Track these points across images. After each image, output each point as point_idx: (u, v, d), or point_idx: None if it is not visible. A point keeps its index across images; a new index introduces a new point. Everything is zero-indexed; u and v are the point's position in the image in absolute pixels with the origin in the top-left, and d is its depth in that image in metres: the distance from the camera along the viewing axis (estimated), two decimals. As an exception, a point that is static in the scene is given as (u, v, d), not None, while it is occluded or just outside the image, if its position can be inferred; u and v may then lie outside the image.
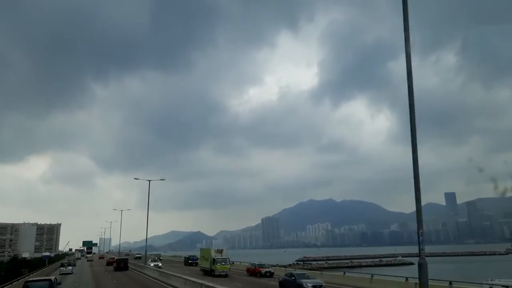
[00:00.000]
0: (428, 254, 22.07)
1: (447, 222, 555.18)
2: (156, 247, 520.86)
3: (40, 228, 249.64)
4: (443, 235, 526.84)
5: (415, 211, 13.07)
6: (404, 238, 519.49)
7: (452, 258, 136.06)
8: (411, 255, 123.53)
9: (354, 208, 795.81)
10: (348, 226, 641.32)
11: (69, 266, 60.56)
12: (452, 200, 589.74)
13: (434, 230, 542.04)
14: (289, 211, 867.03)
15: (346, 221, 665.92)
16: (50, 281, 25.38)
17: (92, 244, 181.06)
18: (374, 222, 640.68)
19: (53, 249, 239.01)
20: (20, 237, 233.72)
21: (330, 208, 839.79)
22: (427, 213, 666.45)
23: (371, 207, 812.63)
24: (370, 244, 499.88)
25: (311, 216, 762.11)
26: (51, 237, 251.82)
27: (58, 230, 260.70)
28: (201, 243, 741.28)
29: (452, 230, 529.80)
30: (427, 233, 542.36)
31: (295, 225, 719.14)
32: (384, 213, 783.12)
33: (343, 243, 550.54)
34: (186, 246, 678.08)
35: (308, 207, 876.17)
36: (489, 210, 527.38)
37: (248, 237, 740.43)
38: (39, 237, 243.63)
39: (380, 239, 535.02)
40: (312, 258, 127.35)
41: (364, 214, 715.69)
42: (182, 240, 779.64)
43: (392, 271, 68.61)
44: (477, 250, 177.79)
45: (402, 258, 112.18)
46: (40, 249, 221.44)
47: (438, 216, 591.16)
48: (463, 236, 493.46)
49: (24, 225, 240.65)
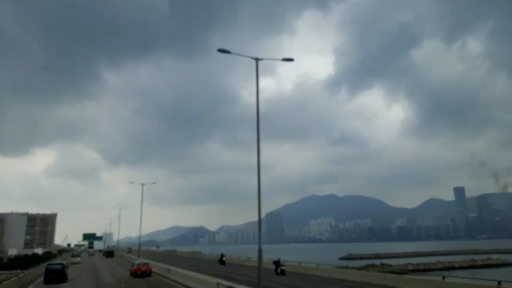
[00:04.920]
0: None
1: (456, 217, 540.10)
2: (158, 242, 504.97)
3: (32, 219, 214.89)
4: (453, 230, 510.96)
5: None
6: (413, 234, 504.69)
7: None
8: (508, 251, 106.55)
9: (357, 203, 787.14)
10: (353, 221, 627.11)
11: (78, 257, 73.22)
12: (461, 195, 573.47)
13: (443, 226, 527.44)
14: (292, 206, 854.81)
15: (349, 216, 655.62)
16: (63, 264, 39.25)
17: (94, 238, 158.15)
18: (377, 217, 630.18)
19: (47, 244, 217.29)
20: (7, 229, 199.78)
21: (332, 203, 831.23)
22: (429, 209, 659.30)
23: (374, 203, 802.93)
24: (378, 239, 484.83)
25: (314, 211, 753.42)
26: (44, 230, 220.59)
27: (53, 222, 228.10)
28: (204, 238, 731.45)
29: (463, 225, 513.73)
30: (436, 229, 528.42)
31: (298, 220, 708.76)
32: (387, 208, 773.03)
33: (350, 238, 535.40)
34: (189, 240, 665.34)
35: (310, 202, 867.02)
36: (499, 205, 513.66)
37: (251, 232, 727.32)
38: (30, 230, 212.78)
39: (388, 234, 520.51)
40: (358, 256, 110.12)
41: (367, 209, 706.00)
42: (185, 235, 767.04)
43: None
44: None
45: (500, 257, 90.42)
46: (31, 244, 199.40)
47: (445, 211, 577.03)
48: (474, 231, 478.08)
49: (11, 215, 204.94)
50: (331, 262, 64.12)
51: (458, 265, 76.34)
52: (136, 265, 39.23)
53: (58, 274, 35.07)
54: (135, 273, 37.83)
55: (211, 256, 70.68)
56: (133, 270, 38.50)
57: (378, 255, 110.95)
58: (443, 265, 72.13)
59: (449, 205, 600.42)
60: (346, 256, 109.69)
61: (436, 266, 70.67)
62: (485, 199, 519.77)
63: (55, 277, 34.65)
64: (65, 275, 35.94)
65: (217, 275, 33.49)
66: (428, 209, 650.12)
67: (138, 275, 37.35)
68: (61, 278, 34.85)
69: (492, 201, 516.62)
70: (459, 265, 77.13)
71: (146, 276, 37.39)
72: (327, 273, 34.92)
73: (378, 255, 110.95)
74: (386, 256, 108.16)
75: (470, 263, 79.23)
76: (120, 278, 37.46)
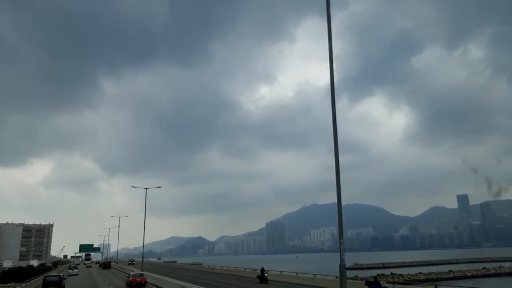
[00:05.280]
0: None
1: (459, 225, 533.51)
2: (156, 253, 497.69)
3: (27, 229, 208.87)
4: (457, 238, 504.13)
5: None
6: (417, 243, 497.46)
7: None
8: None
9: (358, 212, 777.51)
10: (355, 230, 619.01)
11: (75, 269, 75.80)
12: (465, 202, 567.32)
13: (447, 234, 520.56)
14: (292, 215, 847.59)
15: (351, 225, 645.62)
16: (60, 276, 40.85)
17: (91, 249, 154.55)
18: (380, 226, 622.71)
19: (43, 255, 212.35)
20: (1, 241, 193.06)
21: (333, 212, 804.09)
22: (432, 216, 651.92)
23: (376, 211, 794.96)
24: (381, 248, 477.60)
25: (315, 220, 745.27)
26: (40, 241, 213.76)
27: (49, 233, 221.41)
28: (203, 249, 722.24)
29: (466, 233, 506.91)
30: (439, 237, 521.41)
31: (299, 229, 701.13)
32: (389, 217, 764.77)
33: (352, 248, 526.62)
34: (187, 251, 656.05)
35: (311, 211, 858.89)
36: (503, 212, 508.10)
37: (251, 242, 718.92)
38: (26, 241, 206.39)
39: (391, 244, 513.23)
40: (365, 265, 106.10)
41: (369, 218, 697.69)
42: (183, 245, 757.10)
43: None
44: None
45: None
46: (27, 255, 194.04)
47: (448, 219, 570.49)
48: (477, 239, 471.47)
49: (7, 226, 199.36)
50: (336, 273, 60.23)
51: (471, 274, 72.34)
52: (132, 276, 41.16)
53: (56, 285, 37.16)
54: (131, 284, 39.72)
55: (245, 272, 54.24)
56: (129, 281, 40.42)
57: (385, 265, 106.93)
58: (455, 274, 68.16)
59: (452, 213, 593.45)
60: (353, 266, 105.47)
61: (448, 275, 66.68)
62: (489, 207, 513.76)
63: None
64: (62, 286, 38.04)
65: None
66: (431, 217, 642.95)
67: (134, 286, 39.42)
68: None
69: (496, 208, 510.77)
70: (472, 274, 73.11)
71: (141, 287, 39.45)
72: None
73: (385, 265, 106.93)
74: (393, 266, 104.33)
75: (483, 272, 75.26)
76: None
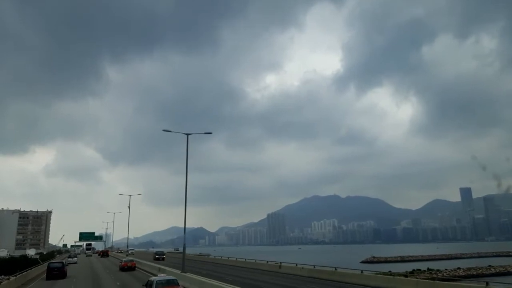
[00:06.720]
0: None
1: (462, 219, 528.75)
2: (157, 244, 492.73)
3: (24, 216, 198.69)
4: (460, 232, 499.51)
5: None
6: (419, 236, 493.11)
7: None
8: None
9: (360, 204, 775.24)
10: (357, 223, 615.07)
11: (75, 258, 79.31)
12: (468, 196, 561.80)
13: (450, 227, 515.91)
14: (292, 207, 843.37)
15: (352, 217, 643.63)
16: (63, 263, 45.33)
17: (92, 238, 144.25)
18: (381, 219, 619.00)
19: (41, 244, 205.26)
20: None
21: (335, 204, 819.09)
22: (434, 210, 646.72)
23: (377, 203, 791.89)
24: (383, 241, 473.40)
25: (316, 212, 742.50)
26: (38, 229, 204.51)
27: (47, 220, 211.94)
28: (203, 239, 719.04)
29: (469, 226, 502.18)
30: (442, 230, 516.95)
31: (300, 221, 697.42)
32: (391, 209, 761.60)
33: (354, 240, 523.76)
34: (188, 242, 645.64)
35: (312, 203, 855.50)
36: (506, 206, 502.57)
37: (252, 233, 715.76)
38: (22, 229, 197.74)
39: (394, 236, 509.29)
40: (383, 258, 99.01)
41: (370, 211, 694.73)
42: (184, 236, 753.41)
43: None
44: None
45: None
46: (23, 244, 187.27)
47: (451, 212, 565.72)
48: (481, 233, 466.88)
49: (1, 212, 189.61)
50: (352, 265, 53.51)
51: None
52: (124, 261, 49.24)
53: (59, 271, 40.43)
54: (123, 267, 47.51)
55: (268, 265, 46.79)
56: (121, 265, 48.43)
57: (403, 258, 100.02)
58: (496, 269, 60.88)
59: (454, 206, 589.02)
60: (370, 260, 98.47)
61: (490, 271, 59.46)
62: (492, 200, 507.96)
63: (56, 274, 40.04)
64: (65, 272, 41.37)
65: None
66: (433, 210, 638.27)
67: (125, 269, 46.80)
68: (61, 275, 40.06)
69: (499, 202, 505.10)
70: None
71: (131, 270, 46.32)
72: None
73: (403, 258, 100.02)
74: (412, 260, 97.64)
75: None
76: (110, 272, 46.14)
